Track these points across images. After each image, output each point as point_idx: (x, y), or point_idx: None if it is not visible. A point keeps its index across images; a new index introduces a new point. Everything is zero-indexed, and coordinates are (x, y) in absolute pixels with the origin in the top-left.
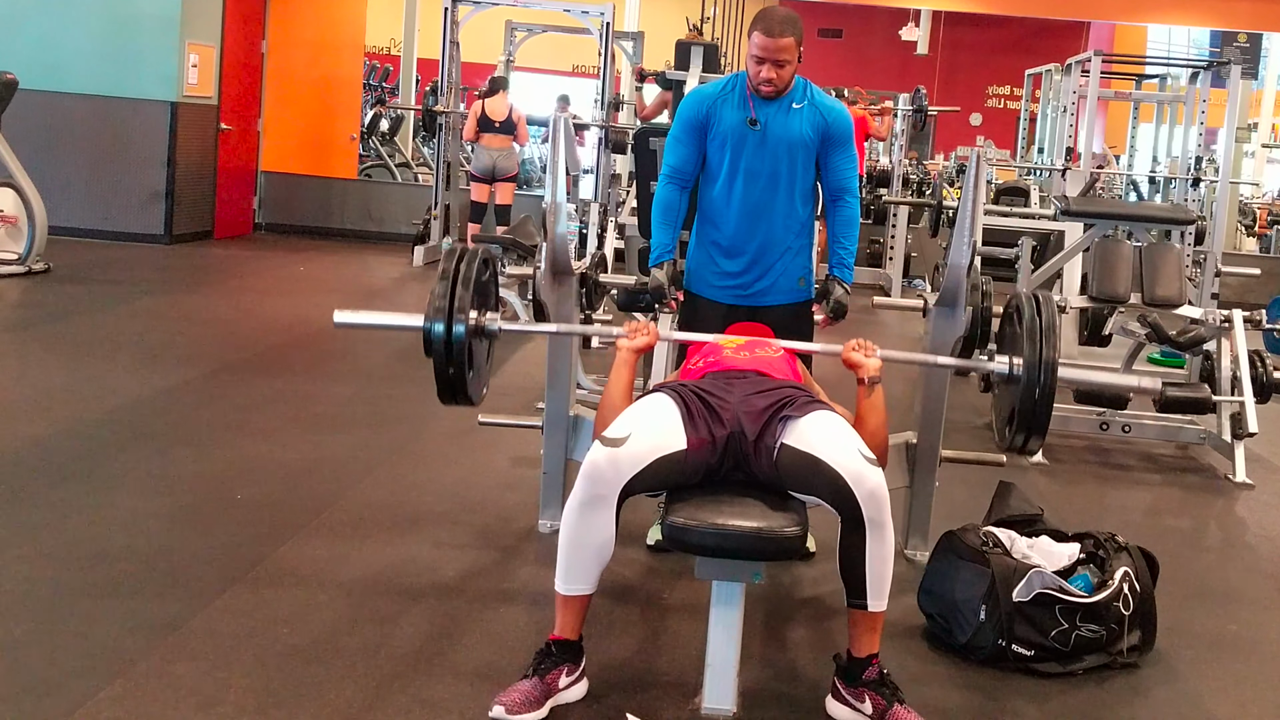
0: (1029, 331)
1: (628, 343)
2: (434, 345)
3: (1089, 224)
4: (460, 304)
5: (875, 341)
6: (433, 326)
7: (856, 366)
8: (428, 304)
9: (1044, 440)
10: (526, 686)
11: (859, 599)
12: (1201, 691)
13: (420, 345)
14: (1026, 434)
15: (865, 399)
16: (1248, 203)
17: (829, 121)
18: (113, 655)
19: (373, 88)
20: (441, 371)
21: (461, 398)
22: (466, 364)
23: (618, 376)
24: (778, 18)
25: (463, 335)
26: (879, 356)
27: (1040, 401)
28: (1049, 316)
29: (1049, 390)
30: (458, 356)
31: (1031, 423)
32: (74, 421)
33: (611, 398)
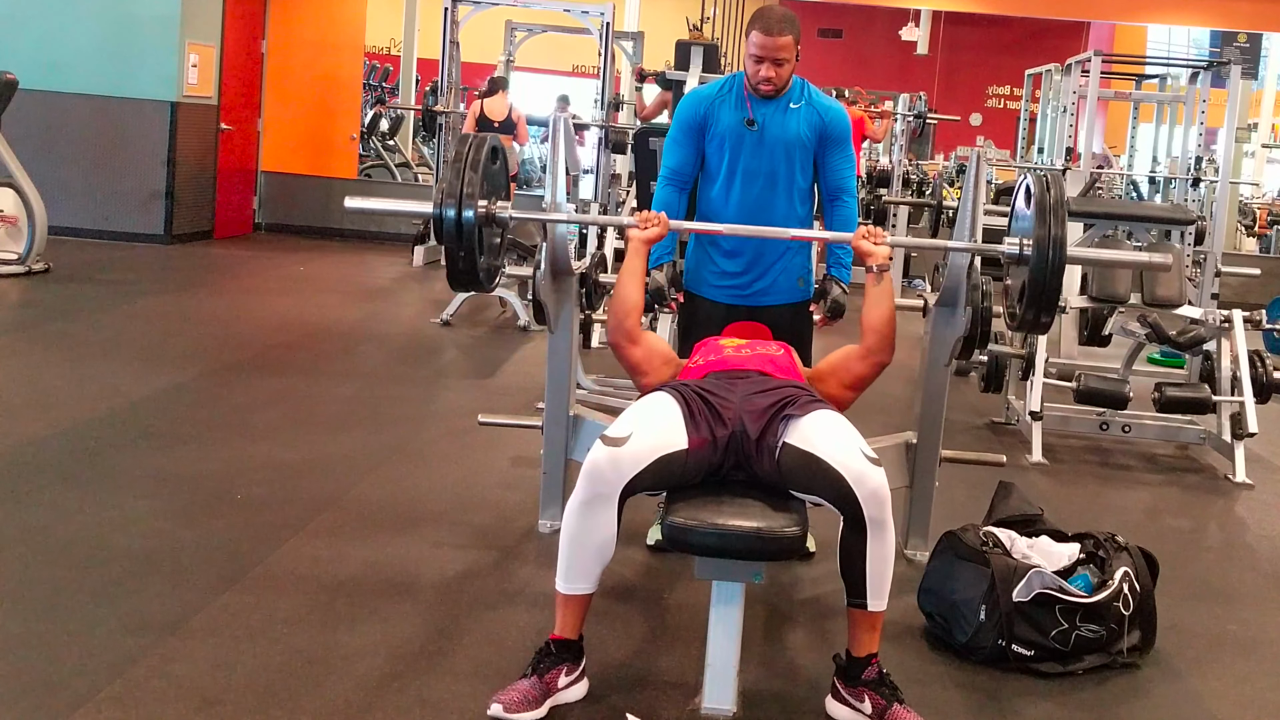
0: (1038, 210)
1: (639, 232)
2: (445, 231)
3: (1089, 224)
4: (470, 189)
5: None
6: (444, 211)
7: (866, 254)
8: (437, 190)
9: (1053, 318)
10: (525, 686)
11: (859, 598)
12: (1201, 691)
13: (419, 345)
14: (1037, 309)
15: (874, 286)
16: (1248, 203)
17: (826, 121)
18: (113, 655)
19: (373, 88)
20: (453, 256)
21: (473, 283)
22: (477, 250)
23: (629, 267)
24: (776, 17)
25: (473, 220)
26: (888, 243)
27: (1050, 277)
28: (1057, 195)
29: (1059, 266)
30: (468, 240)
31: (1042, 298)
32: (74, 421)
33: (623, 285)
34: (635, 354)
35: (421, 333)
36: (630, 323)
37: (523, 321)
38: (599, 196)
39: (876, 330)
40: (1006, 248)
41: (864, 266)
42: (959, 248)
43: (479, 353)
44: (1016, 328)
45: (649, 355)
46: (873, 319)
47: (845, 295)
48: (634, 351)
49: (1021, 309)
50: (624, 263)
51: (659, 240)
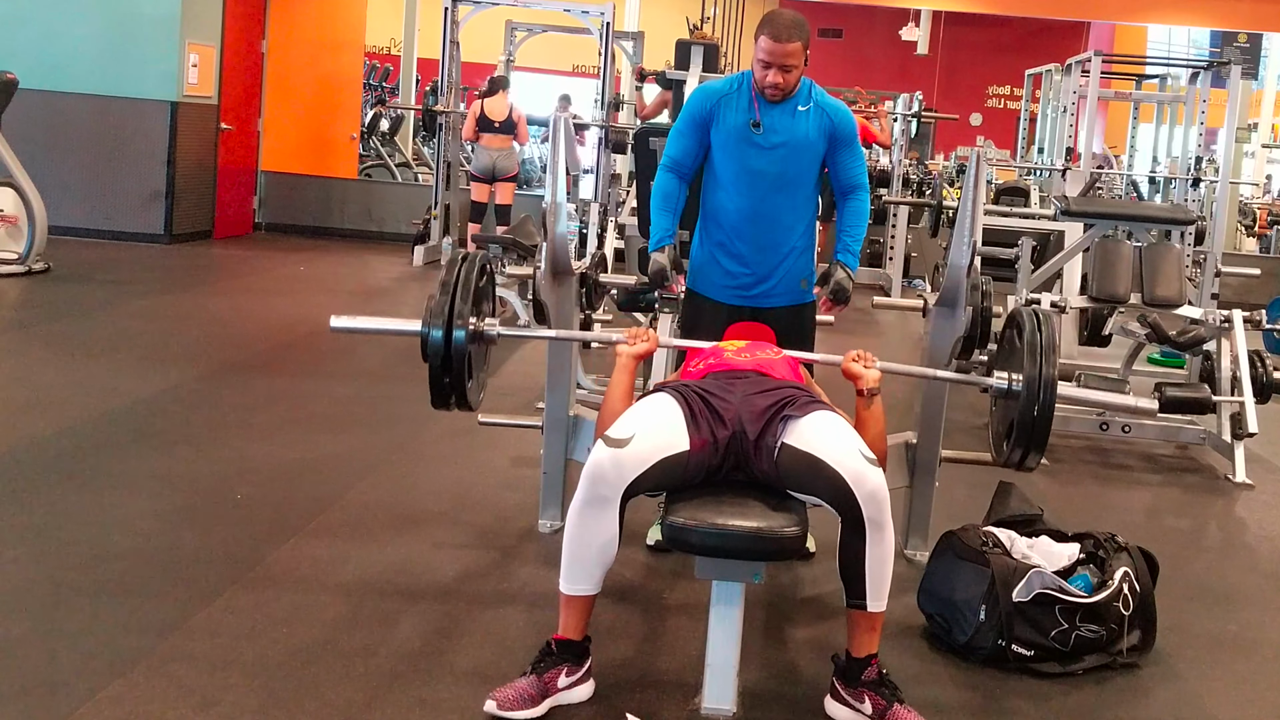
0: (1029, 347)
1: (627, 348)
2: (431, 352)
3: (1089, 224)
4: (459, 309)
5: (875, 340)
6: (430, 333)
7: (856, 377)
8: (425, 309)
9: (1041, 457)
10: (523, 684)
11: (858, 599)
12: (1201, 691)
13: (418, 345)
14: (1025, 450)
15: (865, 409)
16: (1248, 203)
17: (835, 122)
18: (113, 655)
19: (373, 88)
20: (437, 378)
21: (459, 403)
22: (465, 370)
23: (617, 381)
24: (785, 22)
25: (462, 342)
26: (878, 368)
27: (1039, 418)
28: (1049, 335)
29: (1049, 407)
30: (455, 364)
31: (1030, 439)
32: (74, 421)
33: (612, 403)
34: None
35: None
36: None
37: (523, 321)
38: (599, 196)
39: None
40: (995, 382)
41: (856, 390)
42: (943, 377)
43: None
44: (1004, 464)
45: None
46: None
47: (850, 280)
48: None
49: (1009, 446)
50: (613, 378)
51: (648, 356)
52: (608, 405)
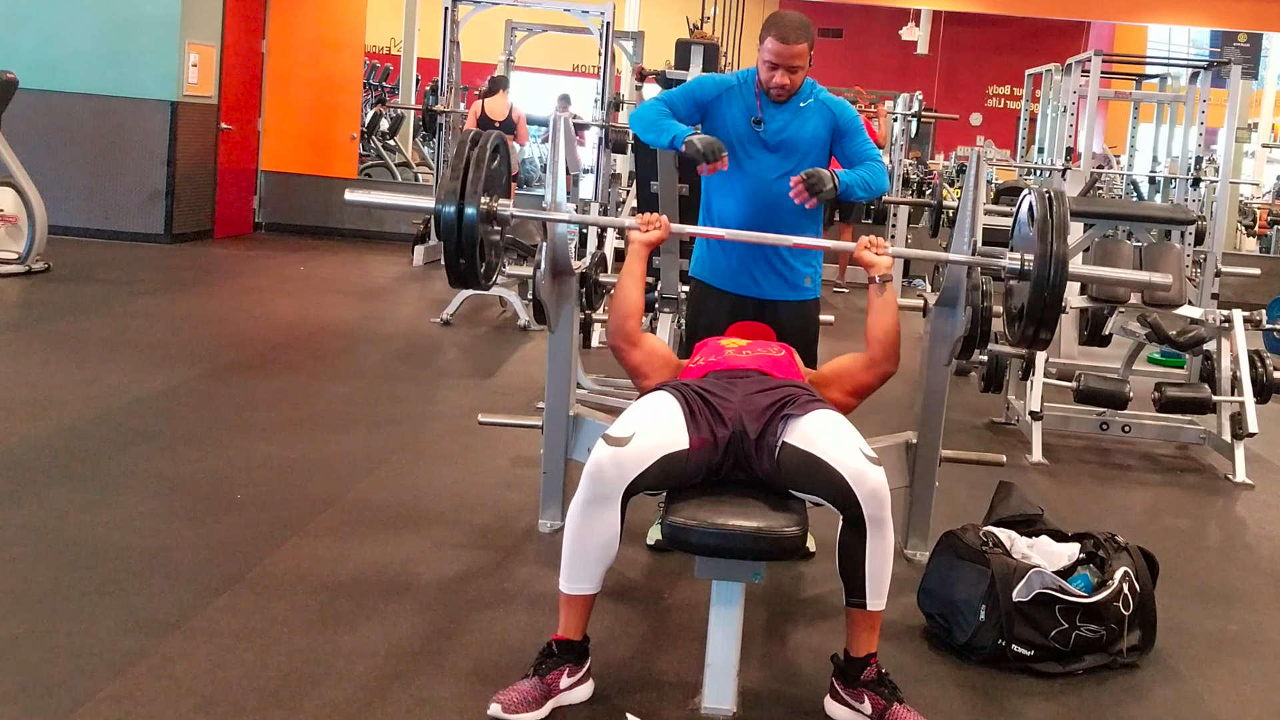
0: (1040, 227)
1: (640, 234)
2: (444, 227)
3: (1089, 224)
4: (471, 187)
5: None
6: (444, 208)
7: (869, 265)
8: (438, 186)
9: (1053, 334)
10: (526, 686)
11: (858, 598)
12: (1201, 691)
13: (419, 345)
14: (1037, 326)
15: (877, 297)
16: (1248, 203)
17: (838, 115)
18: (112, 655)
19: (373, 87)
20: (452, 255)
21: (472, 281)
22: (477, 247)
23: (630, 267)
24: (792, 24)
25: (474, 218)
26: (890, 253)
27: (1050, 295)
28: (1060, 213)
29: (1059, 284)
30: (468, 239)
31: (1042, 315)
32: (74, 421)
33: (624, 287)
34: (635, 356)
35: (421, 332)
36: (630, 325)
37: (523, 321)
38: (599, 196)
39: (881, 340)
40: (1008, 262)
41: (867, 278)
42: (959, 260)
43: (479, 352)
44: (1016, 343)
45: (649, 357)
46: (877, 329)
47: (832, 181)
48: (634, 354)
49: (1021, 324)
50: (625, 264)
51: (660, 243)
52: (620, 291)
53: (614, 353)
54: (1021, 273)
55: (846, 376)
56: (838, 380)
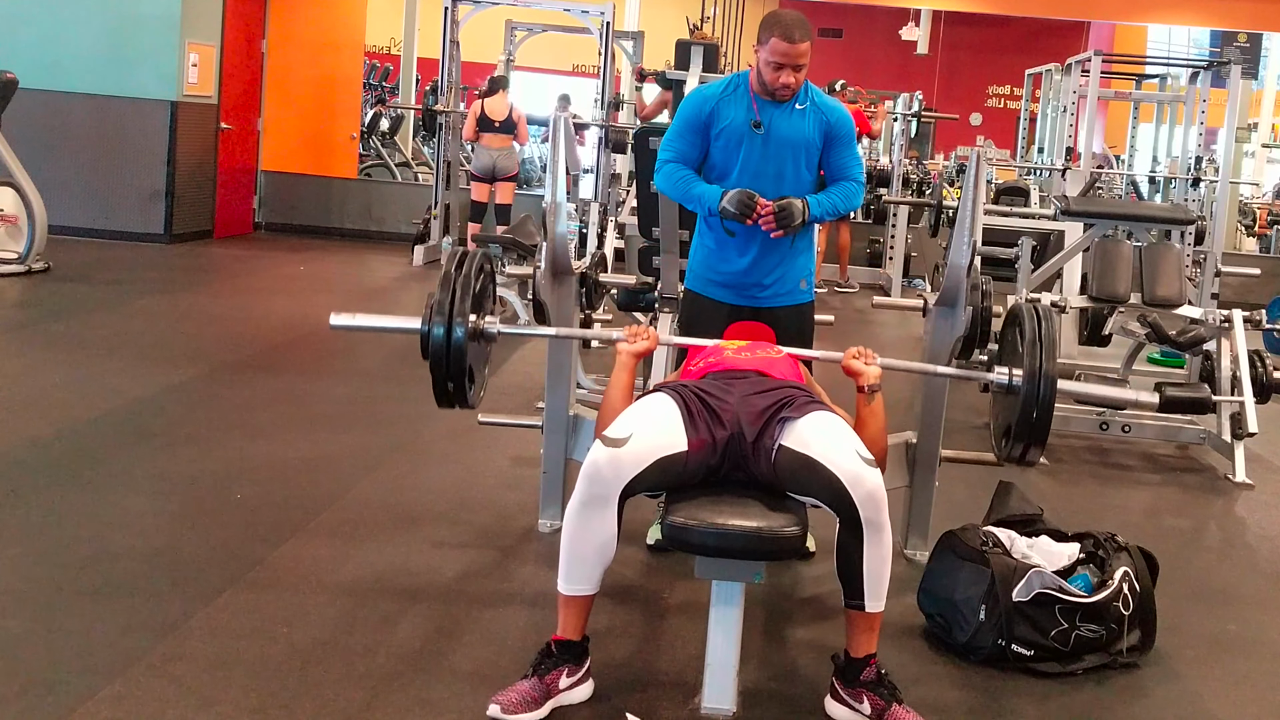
0: (1029, 343)
1: (628, 346)
2: (433, 350)
3: (1089, 224)
4: (459, 308)
5: (875, 339)
6: (431, 331)
7: (856, 374)
8: (426, 308)
9: (1042, 453)
10: (525, 687)
11: (857, 599)
12: (1201, 691)
13: (418, 346)
14: (1025, 445)
15: (865, 406)
16: (1248, 203)
17: (832, 121)
18: (112, 655)
19: (373, 87)
20: (439, 377)
21: (459, 402)
22: (465, 369)
23: (617, 380)
24: (796, 23)
25: (462, 340)
26: (878, 364)
27: (1040, 414)
28: (1049, 331)
29: (1049, 402)
30: (456, 362)
31: (1030, 434)
32: (74, 421)
33: (611, 401)
34: None
35: None
36: None
37: (523, 321)
38: (599, 196)
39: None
40: (996, 377)
41: (856, 387)
42: (943, 373)
43: None
44: (1004, 460)
45: None
46: (864, 439)
47: (803, 210)
48: None
49: (1009, 443)
50: (613, 375)
51: (648, 354)
52: (607, 404)
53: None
54: (1009, 388)
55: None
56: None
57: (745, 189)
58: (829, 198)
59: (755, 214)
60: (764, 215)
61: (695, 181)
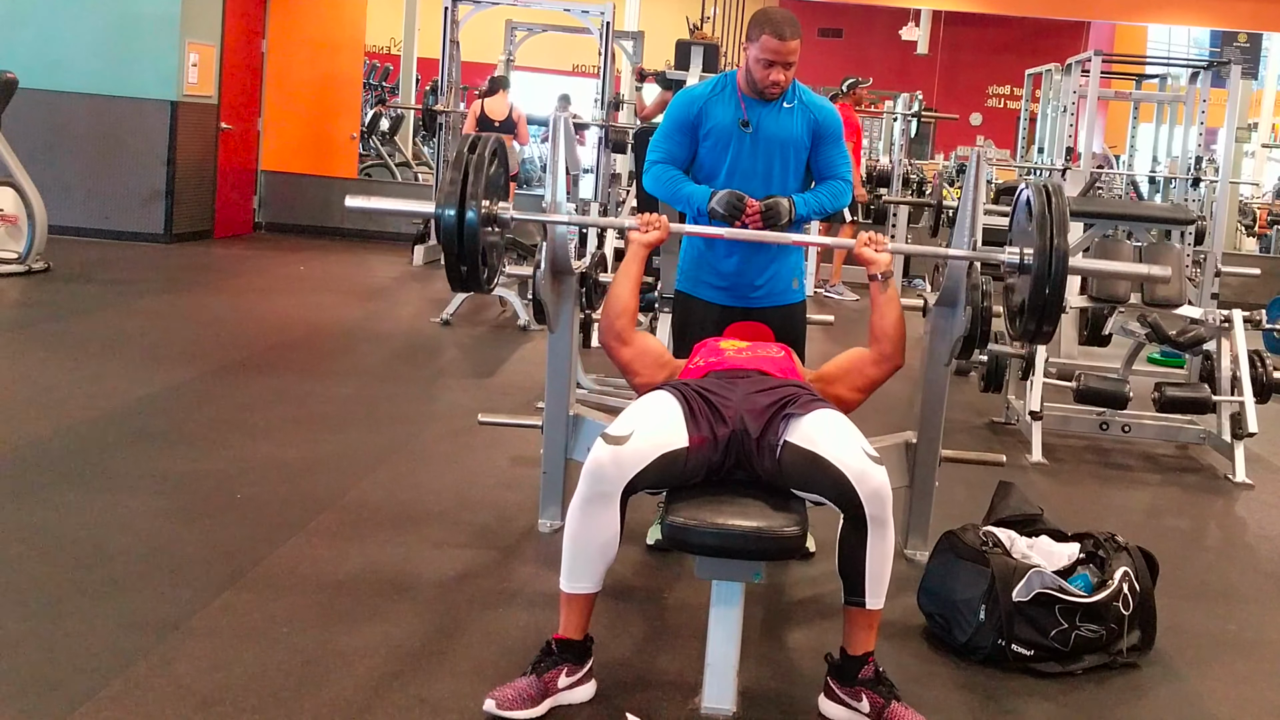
0: (1039, 220)
1: (640, 235)
2: (445, 231)
3: (1089, 224)
4: (472, 190)
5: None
6: (444, 212)
7: (868, 262)
8: (438, 190)
9: (1055, 328)
10: (523, 684)
11: (857, 597)
12: (1201, 691)
13: (419, 345)
14: (1039, 320)
15: (880, 293)
16: (1248, 203)
17: (819, 120)
18: (112, 654)
19: (373, 87)
20: (453, 258)
21: (473, 285)
22: (480, 250)
23: (626, 269)
24: (786, 21)
25: (475, 221)
26: (889, 249)
27: (1051, 289)
28: (1059, 207)
29: (1060, 278)
30: (469, 243)
31: (1043, 310)
32: (74, 421)
33: (618, 288)
34: (626, 354)
35: (421, 332)
36: (621, 324)
37: (523, 321)
38: (599, 196)
39: (888, 335)
40: (1007, 257)
41: (868, 275)
42: (959, 255)
43: (479, 352)
44: (1018, 337)
45: (640, 355)
46: (883, 325)
47: (789, 209)
48: (624, 351)
49: (1023, 319)
50: (622, 263)
51: (660, 243)
52: (614, 290)
53: (605, 350)
54: (1021, 267)
55: (855, 372)
56: (845, 376)
57: (733, 190)
58: (816, 197)
59: (744, 215)
60: (751, 216)
61: (683, 182)
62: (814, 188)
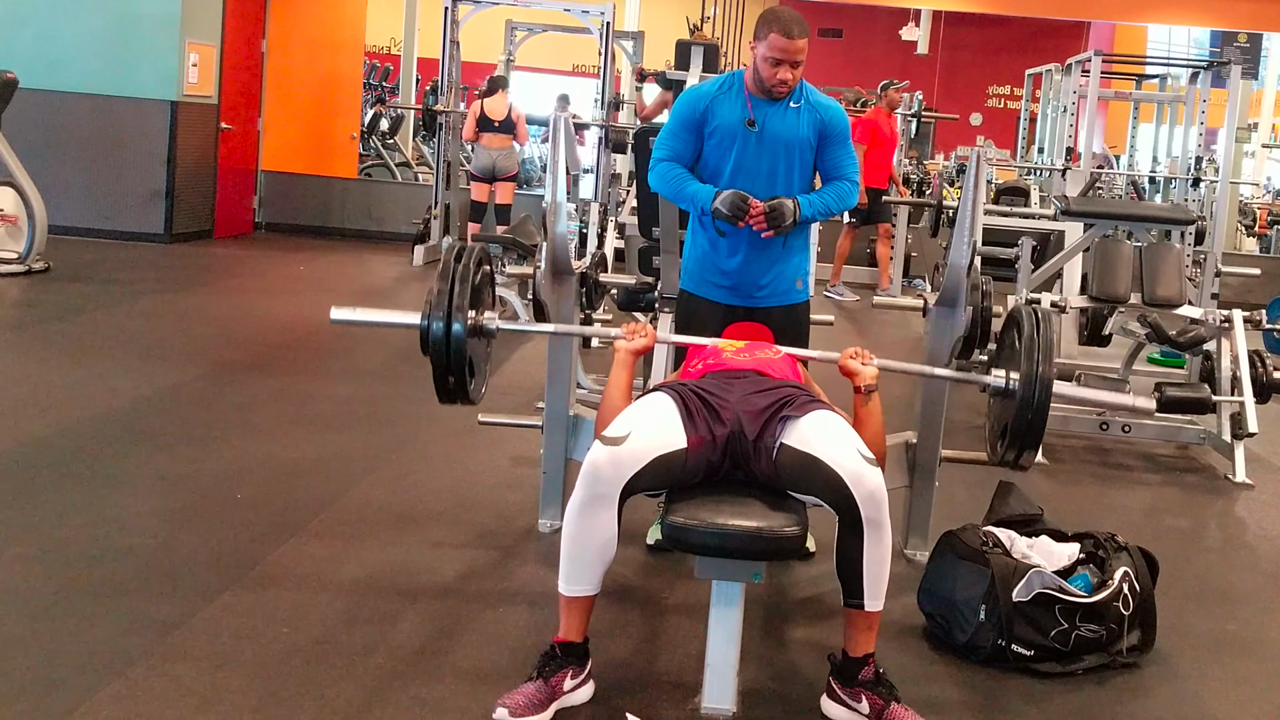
0: (1026, 347)
1: (626, 344)
2: (432, 344)
3: (1089, 224)
4: (459, 302)
5: (873, 339)
6: (431, 325)
7: (853, 375)
8: (425, 303)
9: (1035, 457)
10: (531, 689)
11: (856, 599)
12: (1201, 691)
13: (418, 345)
14: (1019, 449)
15: (862, 407)
16: (1248, 203)
17: (826, 120)
18: (112, 655)
19: (373, 87)
20: (440, 371)
21: (460, 397)
22: (466, 364)
23: (616, 377)
24: (794, 20)
25: (461, 334)
26: (875, 365)
27: (1035, 418)
28: (1047, 335)
29: (1044, 408)
30: (456, 356)
31: (1025, 439)
32: (74, 421)
33: (610, 399)
34: None
35: None
36: None
37: (523, 320)
38: (599, 196)
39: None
40: (993, 380)
41: (853, 387)
42: (940, 375)
43: None
44: (998, 463)
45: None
46: (864, 438)
47: (794, 210)
48: None
49: (1003, 446)
50: (611, 374)
51: (646, 352)
52: (606, 402)
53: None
54: (1006, 391)
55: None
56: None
57: (737, 190)
58: (821, 198)
59: (747, 216)
60: (755, 216)
61: (688, 181)
62: (820, 189)
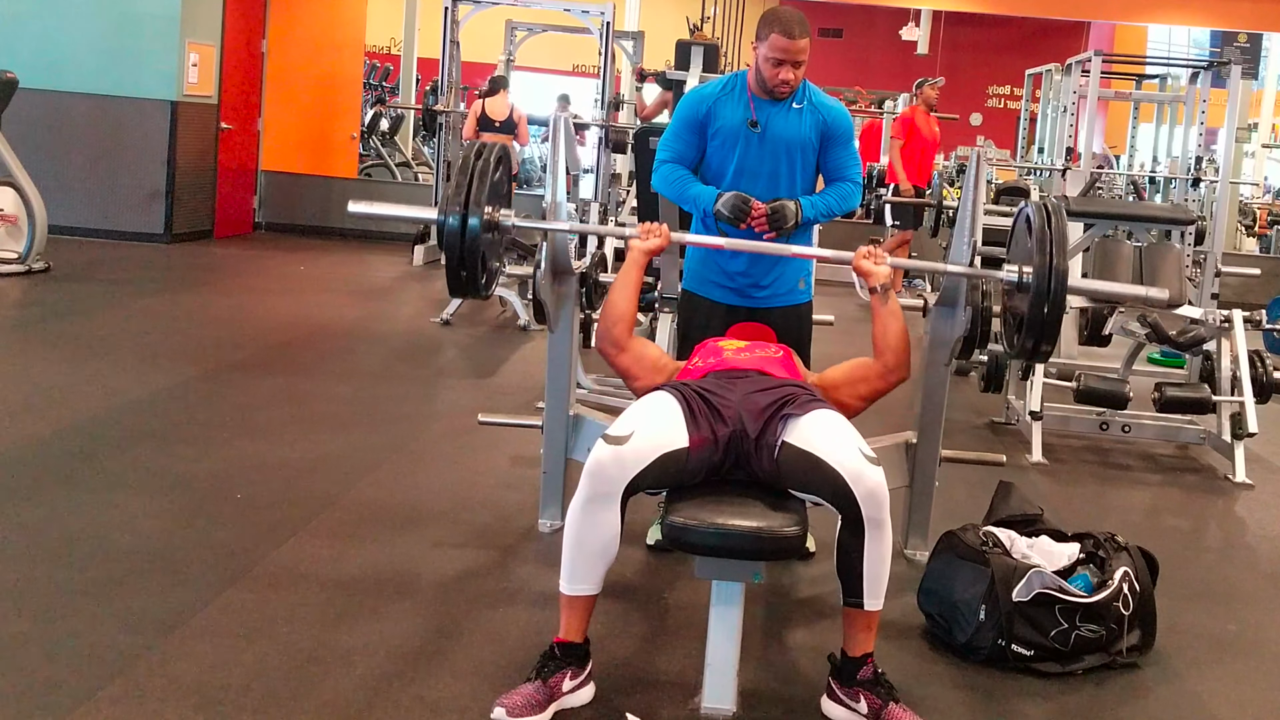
0: (1039, 240)
1: (640, 243)
2: (447, 237)
3: (1089, 224)
4: (475, 197)
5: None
6: (448, 218)
7: (868, 275)
8: (442, 196)
9: (1053, 347)
10: (529, 689)
11: (855, 598)
12: (1201, 691)
13: (419, 345)
14: (1036, 340)
15: (881, 306)
16: (1248, 203)
17: (829, 121)
18: (112, 654)
19: (373, 87)
20: (453, 265)
21: (471, 291)
22: (479, 258)
23: (625, 275)
24: (795, 20)
25: (477, 229)
26: (888, 263)
27: (1050, 309)
28: (1059, 226)
29: (1059, 298)
30: (470, 249)
31: (1041, 330)
32: (74, 421)
33: (616, 298)
34: (623, 360)
35: (421, 332)
36: (618, 330)
37: (523, 321)
38: (599, 196)
39: (891, 348)
40: (1006, 274)
41: (868, 288)
42: (957, 271)
43: (479, 352)
44: (1016, 355)
45: (637, 360)
46: (886, 338)
47: (796, 212)
48: (622, 358)
49: (1020, 337)
50: (621, 270)
51: (660, 251)
52: (612, 296)
53: (602, 356)
54: (1020, 285)
55: (859, 381)
56: (849, 385)
57: (739, 192)
58: (824, 199)
59: (749, 218)
60: (757, 218)
61: (691, 182)
62: (822, 190)
